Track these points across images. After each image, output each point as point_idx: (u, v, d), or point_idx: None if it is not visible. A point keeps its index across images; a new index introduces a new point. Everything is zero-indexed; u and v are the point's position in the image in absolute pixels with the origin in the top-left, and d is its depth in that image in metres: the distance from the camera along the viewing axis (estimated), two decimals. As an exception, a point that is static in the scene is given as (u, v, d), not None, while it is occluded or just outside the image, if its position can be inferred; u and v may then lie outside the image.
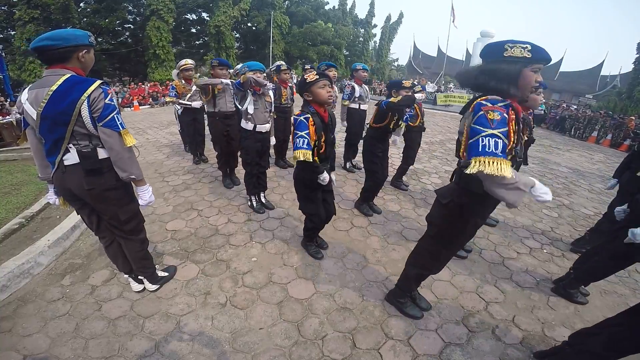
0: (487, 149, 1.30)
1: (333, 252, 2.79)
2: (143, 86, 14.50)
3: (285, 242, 2.91)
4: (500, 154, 1.28)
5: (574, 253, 3.11)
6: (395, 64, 38.99)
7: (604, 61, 28.02)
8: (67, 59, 1.57)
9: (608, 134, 10.73)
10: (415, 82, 3.77)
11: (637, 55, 19.66)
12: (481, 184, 1.48)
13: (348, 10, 30.53)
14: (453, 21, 21.17)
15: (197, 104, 4.49)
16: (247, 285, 2.35)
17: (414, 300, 2.24)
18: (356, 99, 4.38)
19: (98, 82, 1.58)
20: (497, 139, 1.30)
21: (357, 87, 4.33)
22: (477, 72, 1.51)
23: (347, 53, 29.64)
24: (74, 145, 1.63)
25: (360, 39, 31.08)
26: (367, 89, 4.54)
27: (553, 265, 2.90)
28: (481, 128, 1.33)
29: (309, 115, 2.10)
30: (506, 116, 1.34)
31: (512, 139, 1.37)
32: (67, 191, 1.76)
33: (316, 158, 2.21)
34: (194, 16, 24.94)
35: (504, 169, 1.27)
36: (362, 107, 4.45)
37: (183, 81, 4.53)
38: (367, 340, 1.96)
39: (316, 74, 2.12)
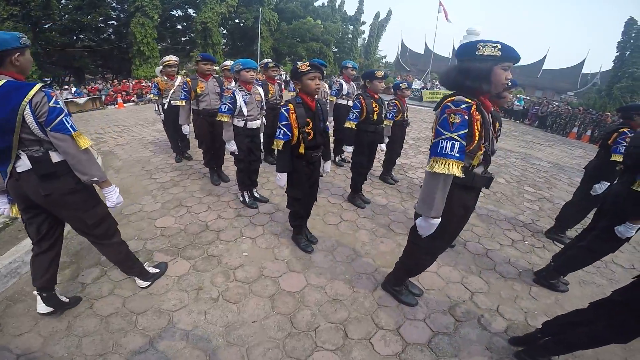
0: (443, 151, 1.47)
1: (323, 246, 2.84)
2: (127, 83, 14.20)
3: (276, 236, 2.95)
4: (456, 154, 1.46)
5: (553, 244, 3.25)
6: (384, 61, 39.14)
7: (585, 59, 28.88)
8: (0, 65, 1.49)
9: (588, 130, 11.11)
10: (401, 79, 3.88)
11: (617, 54, 20.32)
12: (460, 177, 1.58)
13: (337, 7, 30.47)
14: (446, 17, 21.38)
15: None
16: (238, 280, 2.38)
17: (407, 288, 2.32)
18: (344, 95, 4.45)
19: (38, 85, 1.50)
20: (453, 142, 1.46)
21: (344, 84, 4.42)
22: (453, 71, 1.61)
23: (336, 50, 29.60)
24: (23, 151, 1.55)
25: (349, 35, 31.08)
26: (355, 87, 4.61)
27: (534, 256, 3.02)
28: (442, 131, 1.49)
29: (289, 106, 2.21)
30: (467, 118, 1.46)
31: (477, 137, 1.50)
32: (24, 198, 1.67)
33: (302, 145, 2.30)
34: (180, 12, 24.41)
35: (452, 169, 1.46)
36: (350, 103, 4.51)
37: (165, 78, 4.48)
38: (359, 331, 2.02)
39: (309, 65, 2.20)
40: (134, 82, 14.54)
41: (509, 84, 1.64)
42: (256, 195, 3.58)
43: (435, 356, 1.89)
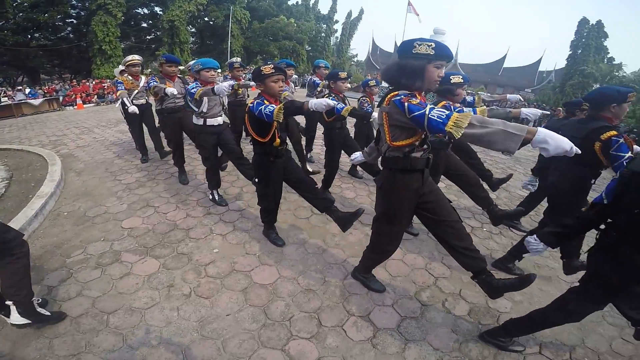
0: (442, 118, 1.40)
1: (295, 239, 2.90)
2: (87, 83, 13.50)
3: (247, 232, 2.97)
4: (450, 113, 1.40)
5: (509, 230, 3.49)
6: (355, 59, 39.70)
7: (541, 58, 30.89)
8: None
9: (542, 124, 11.93)
10: (372, 77, 4.00)
11: (570, 52, 21.88)
12: (400, 161, 1.73)
13: (311, 5, 30.54)
14: (418, 17, 21.97)
15: (132, 108, 4.28)
16: (210, 276, 2.39)
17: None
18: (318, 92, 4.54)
19: None
20: (435, 111, 1.43)
21: (317, 82, 4.49)
22: (392, 67, 1.70)
23: (309, 48, 29.64)
24: None
25: (322, 34, 31.22)
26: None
27: (492, 242, 3.22)
28: (419, 113, 1.45)
29: (261, 100, 2.22)
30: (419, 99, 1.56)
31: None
32: None
33: (278, 139, 2.36)
34: (145, 10, 23.46)
35: (466, 117, 1.35)
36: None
37: (130, 77, 4.35)
38: (332, 318, 2.09)
39: (272, 68, 2.22)
40: (94, 82, 13.84)
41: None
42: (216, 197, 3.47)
43: (404, 339, 1.98)
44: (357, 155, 2.43)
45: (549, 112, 2.54)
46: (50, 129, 6.96)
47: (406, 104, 1.51)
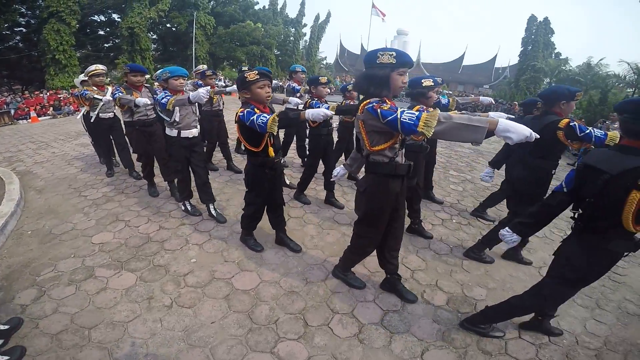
0: (413, 119, 1.51)
1: (273, 243, 2.92)
2: (41, 95, 12.65)
3: (224, 240, 2.96)
4: (419, 114, 1.50)
5: (477, 220, 3.70)
6: (324, 62, 40.07)
7: (497, 55, 32.71)
8: None
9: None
10: (340, 79, 4.08)
11: (522, 49, 23.31)
12: (385, 166, 1.81)
13: (279, 10, 30.41)
14: (383, 18, 22.49)
15: (106, 115, 4.19)
16: (190, 285, 2.37)
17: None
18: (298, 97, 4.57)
19: None
20: (406, 114, 1.54)
21: (297, 87, 4.51)
22: (360, 78, 1.80)
23: (278, 53, 29.53)
24: None
25: (291, 38, 31.17)
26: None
27: (462, 233, 3.41)
28: (392, 117, 1.57)
29: (251, 109, 2.16)
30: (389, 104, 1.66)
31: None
32: None
33: (271, 148, 2.35)
34: (102, 17, 22.34)
35: (434, 116, 1.47)
36: (300, 107, 4.64)
37: (95, 88, 4.17)
38: (317, 318, 2.14)
39: (257, 74, 2.18)
40: (48, 94, 13.00)
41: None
42: (213, 213, 3.31)
43: (389, 333, 2.05)
44: (338, 170, 2.35)
45: (514, 117, 2.74)
46: (3, 145, 6.46)
47: (379, 110, 1.62)
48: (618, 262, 1.67)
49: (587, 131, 2.22)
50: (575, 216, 1.68)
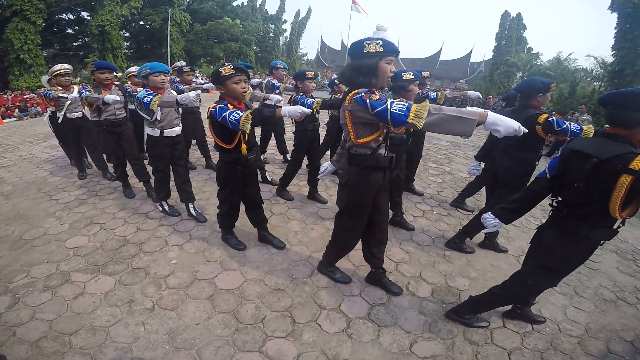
0: (403, 110, 1.48)
1: (256, 241, 2.87)
2: (5, 96, 11.97)
3: (204, 240, 2.89)
4: (409, 105, 1.49)
5: (457, 211, 3.78)
6: (305, 58, 39.91)
7: (472, 50, 33.65)
8: None
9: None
10: (322, 75, 4.04)
11: (496, 44, 23.98)
12: (367, 159, 1.80)
13: (258, 6, 29.95)
14: (364, 13, 22.49)
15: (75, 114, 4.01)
16: (171, 287, 2.31)
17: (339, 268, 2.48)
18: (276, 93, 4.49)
19: None
20: (396, 105, 1.52)
21: (277, 84, 4.44)
22: (347, 69, 1.77)
23: (258, 49, 29.18)
24: None
25: (271, 34, 30.87)
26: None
27: (443, 223, 3.46)
28: (382, 108, 1.53)
29: (224, 104, 2.09)
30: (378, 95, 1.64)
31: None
32: None
33: (244, 146, 2.27)
34: (70, 16, 21.32)
35: (424, 107, 1.45)
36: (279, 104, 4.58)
37: (60, 88, 3.97)
38: (304, 314, 2.11)
39: (232, 68, 2.09)
40: (13, 95, 12.31)
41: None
42: (193, 212, 3.23)
43: (377, 326, 2.05)
44: (326, 166, 2.30)
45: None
46: (-37, 150, 6.07)
47: (368, 100, 1.58)
48: None
49: (564, 126, 2.32)
50: (554, 204, 1.71)
